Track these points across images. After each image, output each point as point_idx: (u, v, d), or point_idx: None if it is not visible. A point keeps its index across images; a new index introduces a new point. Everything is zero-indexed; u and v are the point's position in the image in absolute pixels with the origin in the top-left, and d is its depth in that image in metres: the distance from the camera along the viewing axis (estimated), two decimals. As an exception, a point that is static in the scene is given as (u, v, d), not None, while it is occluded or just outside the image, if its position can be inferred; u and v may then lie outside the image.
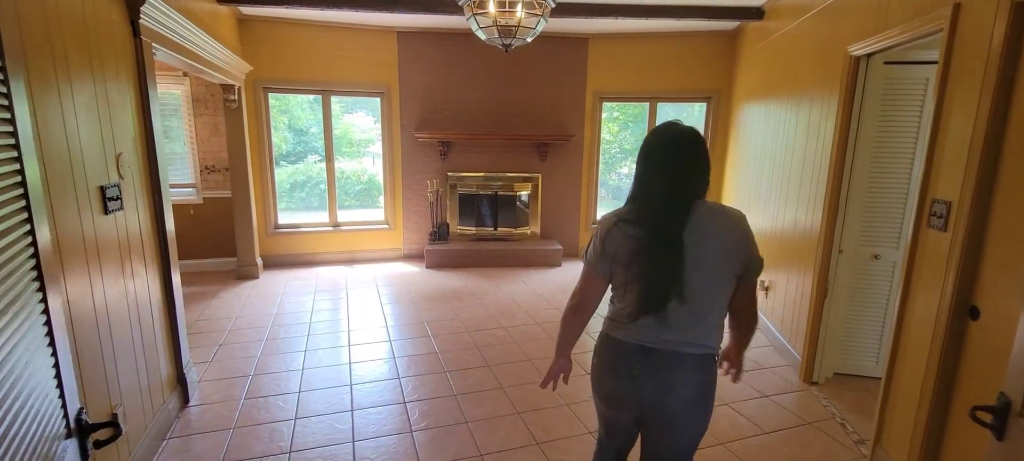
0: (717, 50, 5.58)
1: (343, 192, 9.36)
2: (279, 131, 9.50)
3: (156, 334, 2.54)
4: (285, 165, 9.55)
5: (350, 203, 9.14)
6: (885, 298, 3.09)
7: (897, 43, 2.48)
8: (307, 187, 8.91)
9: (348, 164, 9.55)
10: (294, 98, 5.50)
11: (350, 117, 9.35)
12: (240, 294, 4.74)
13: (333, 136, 5.86)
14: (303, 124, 9.07)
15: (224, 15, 4.52)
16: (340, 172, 9.49)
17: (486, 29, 2.68)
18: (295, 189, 9.40)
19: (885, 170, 2.96)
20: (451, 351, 3.56)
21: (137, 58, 2.43)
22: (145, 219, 2.46)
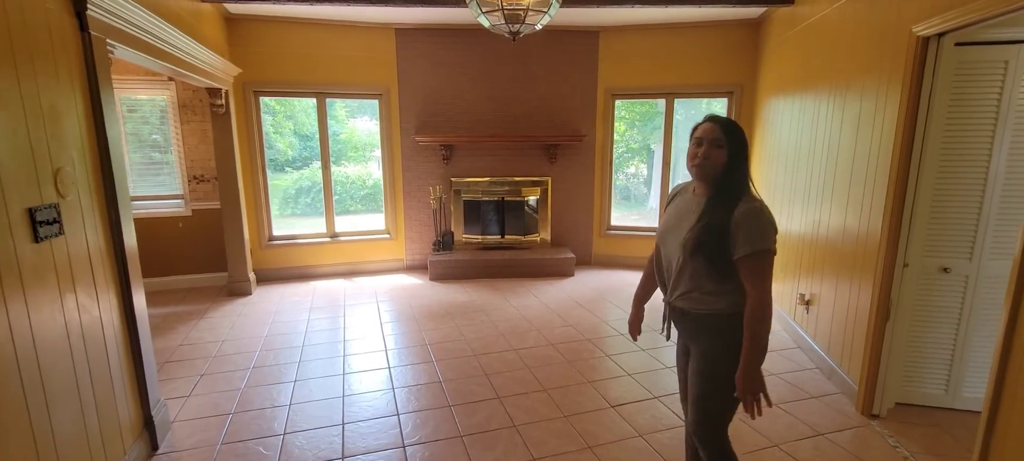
0: (739, 41, 5.18)
1: (349, 197, 9.08)
2: (284, 136, 9.25)
3: (112, 372, 2.18)
4: (290, 171, 9.29)
5: (357, 208, 8.86)
6: (956, 317, 2.67)
7: (983, 18, 2.07)
8: (313, 193, 8.65)
9: (353, 169, 9.27)
10: (299, 103, 5.15)
11: (355, 121, 9.08)
12: (230, 313, 4.40)
13: (339, 141, 5.56)
14: (308, 129, 8.81)
15: (208, 13, 4.19)
16: (345, 177, 9.23)
17: (491, 15, 2.31)
18: (301, 195, 9.14)
19: (956, 169, 2.55)
20: (456, 380, 3.19)
21: (86, 56, 2.08)
22: (97, 240, 2.11)
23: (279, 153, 9.41)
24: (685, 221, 1.66)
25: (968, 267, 2.61)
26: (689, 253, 1.61)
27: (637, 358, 3.46)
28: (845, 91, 3.15)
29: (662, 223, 1.79)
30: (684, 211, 1.69)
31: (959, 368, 2.72)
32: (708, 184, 1.63)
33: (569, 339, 3.81)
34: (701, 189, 1.67)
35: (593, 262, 5.95)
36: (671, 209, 1.78)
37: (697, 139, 1.62)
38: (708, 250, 1.57)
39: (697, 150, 1.61)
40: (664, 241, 1.75)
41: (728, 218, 1.54)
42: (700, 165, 1.60)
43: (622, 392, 3.02)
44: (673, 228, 1.70)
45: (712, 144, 1.58)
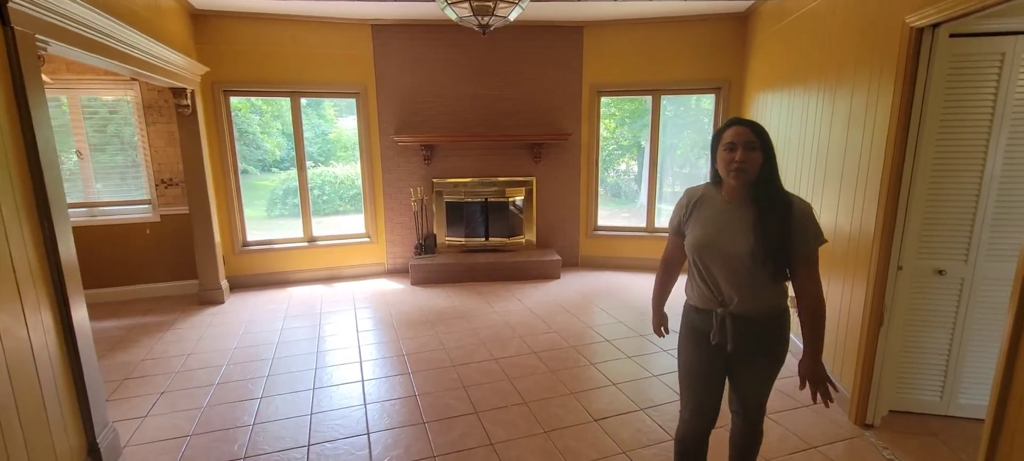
0: (726, 35, 5.05)
1: (338, 197, 8.88)
2: (272, 136, 9.02)
3: (47, 400, 2.00)
4: (278, 171, 9.07)
5: (346, 208, 8.66)
6: (951, 321, 2.56)
7: (979, 7, 1.94)
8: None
9: (342, 169, 9.06)
10: (287, 102, 4.95)
11: (343, 120, 8.88)
12: (199, 324, 4.20)
13: (328, 140, 5.36)
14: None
15: (170, 9, 3.98)
16: (334, 177, 9.02)
17: (458, 7, 2.15)
18: (288, 195, 8.92)
19: (952, 167, 2.43)
20: (433, 393, 3.03)
21: (9, 53, 1.89)
22: (26, 253, 1.92)
23: (267, 153, 9.18)
24: (733, 229, 1.62)
25: (964, 269, 2.49)
26: (759, 261, 1.57)
27: (623, 366, 3.32)
28: (835, 86, 3.02)
29: (701, 234, 1.68)
30: (725, 219, 1.65)
31: (954, 374, 2.61)
32: (746, 186, 1.61)
33: (552, 346, 3.66)
34: (736, 192, 1.64)
35: (580, 264, 5.81)
36: (706, 217, 1.69)
37: (729, 144, 1.59)
38: (779, 255, 1.57)
39: (732, 155, 1.58)
40: (710, 253, 1.65)
41: (788, 220, 1.56)
42: (740, 169, 1.57)
43: (606, 404, 2.87)
44: (719, 238, 1.64)
45: (747, 147, 1.57)
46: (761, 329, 1.66)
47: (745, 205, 1.62)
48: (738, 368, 1.75)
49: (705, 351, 1.74)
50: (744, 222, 1.60)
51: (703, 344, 1.74)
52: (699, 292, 1.73)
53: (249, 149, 8.83)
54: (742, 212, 1.62)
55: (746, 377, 1.75)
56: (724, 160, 1.61)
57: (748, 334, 1.66)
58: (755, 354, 1.69)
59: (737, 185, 1.62)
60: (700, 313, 1.74)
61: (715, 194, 1.71)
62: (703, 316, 1.73)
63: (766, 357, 1.70)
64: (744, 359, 1.71)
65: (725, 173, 1.62)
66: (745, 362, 1.72)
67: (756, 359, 1.70)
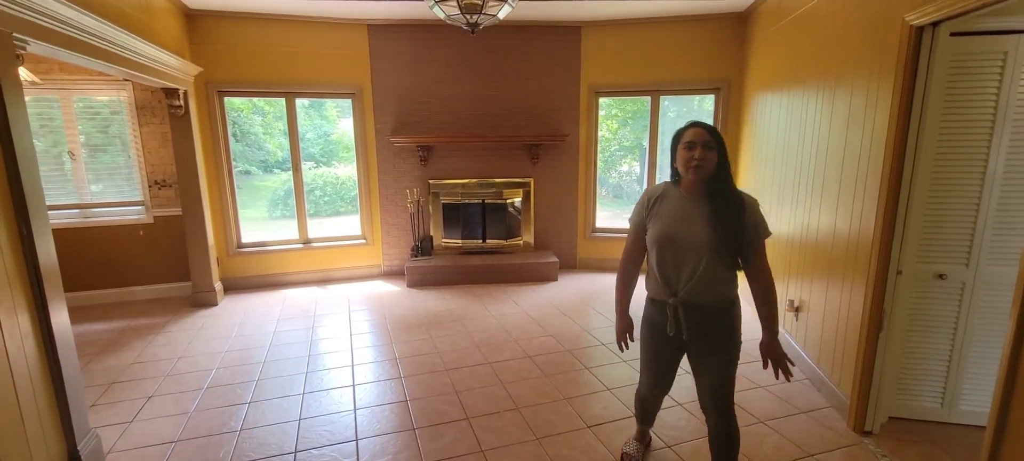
0: (726, 35, 4.99)
1: (339, 198, 8.85)
2: (274, 137, 8.99)
3: (23, 407, 1.95)
4: (279, 172, 9.04)
5: (347, 209, 8.63)
6: (952, 326, 2.50)
7: (980, 5, 1.89)
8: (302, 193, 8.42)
9: (344, 169, 9.04)
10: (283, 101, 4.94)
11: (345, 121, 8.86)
12: (191, 327, 4.16)
13: (330, 141, 5.33)
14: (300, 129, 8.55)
15: (161, 9, 3.94)
16: (335, 177, 9.00)
17: (446, 6, 2.10)
18: (289, 196, 8.90)
19: (953, 169, 2.37)
20: (424, 398, 2.97)
21: (-17, 51, 1.85)
22: (0, 257, 1.88)
23: (269, 154, 9.15)
24: (692, 222, 1.76)
25: (965, 273, 2.43)
26: (715, 250, 1.72)
27: (618, 371, 3.26)
28: (834, 86, 2.96)
29: (661, 227, 1.81)
30: (684, 213, 1.78)
31: (955, 380, 2.55)
32: (702, 183, 1.75)
33: (547, 350, 3.61)
34: (694, 188, 1.78)
35: (578, 266, 5.76)
36: (665, 213, 1.82)
37: (689, 143, 1.74)
38: (733, 247, 1.72)
39: (692, 153, 1.72)
40: (672, 244, 1.79)
41: (741, 213, 1.72)
42: (699, 166, 1.71)
43: (599, 410, 2.82)
44: (679, 231, 1.77)
45: (705, 146, 1.71)
46: (713, 317, 1.80)
47: (702, 200, 1.77)
48: (697, 358, 1.88)
49: (663, 341, 1.90)
50: (702, 215, 1.75)
51: (660, 335, 1.90)
52: (656, 284, 1.88)
53: (251, 150, 8.81)
54: (699, 207, 1.76)
55: (706, 367, 1.86)
56: (684, 158, 1.75)
57: (701, 323, 1.80)
58: (710, 342, 1.82)
59: (695, 181, 1.76)
60: (656, 305, 1.90)
61: (674, 191, 1.84)
62: (659, 308, 1.88)
63: (721, 344, 1.82)
64: (702, 348, 1.84)
65: (684, 170, 1.76)
66: (703, 352, 1.85)
67: (712, 347, 1.82)
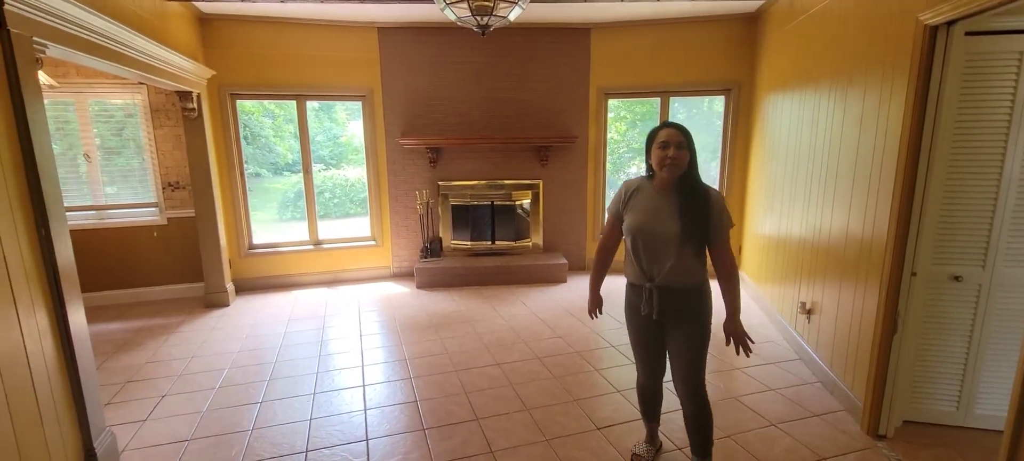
0: (736, 36, 4.97)
1: (349, 200, 8.93)
2: (284, 139, 9.09)
3: (41, 404, 1.99)
4: (289, 174, 9.13)
5: (357, 211, 8.70)
6: (968, 328, 2.46)
7: (996, 3, 1.86)
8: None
9: (353, 172, 9.11)
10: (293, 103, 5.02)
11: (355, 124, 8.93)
12: (203, 327, 4.20)
13: (339, 143, 5.37)
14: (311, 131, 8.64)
15: (176, 13, 4.00)
16: (345, 180, 9.08)
17: (456, 7, 2.11)
18: (300, 198, 8.99)
19: (968, 169, 2.34)
20: (434, 398, 2.99)
21: (4, 56, 1.89)
22: (21, 258, 1.92)
23: (279, 156, 9.25)
24: (664, 213, 1.93)
25: (981, 275, 2.40)
26: (684, 240, 1.88)
27: (628, 372, 3.25)
28: (847, 86, 2.94)
29: (636, 218, 1.98)
30: (655, 206, 1.96)
31: (971, 383, 2.51)
32: (674, 179, 1.92)
33: (557, 352, 3.61)
34: (666, 184, 1.95)
35: (586, 267, 5.75)
36: (640, 205, 2.00)
37: (663, 142, 1.90)
38: (700, 234, 1.90)
39: (666, 152, 1.88)
40: (644, 234, 1.95)
41: (708, 207, 1.90)
42: (673, 164, 1.87)
43: (609, 412, 2.81)
44: (652, 221, 1.94)
45: (677, 146, 1.88)
46: (685, 299, 1.96)
47: (672, 195, 1.93)
48: (670, 337, 2.04)
49: (640, 322, 2.08)
50: (672, 209, 1.91)
51: (638, 316, 2.07)
52: (633, 269, 2.04)
53: (262, 152, 8.90)
54: (670, 201, 1.93)
55: (677, 344, 2.01)
56: (658, 156, 1.91)
57: (675, 304, 1.97)
58: (682, 321, 1.98)
59: (668, 178, 1.92)
60: (634, 289, 2.07)
61: (648, 186, 2.01)
62: (636, 291, 2.05)
63: (692, 326, 1.97)
64: (674, 329, 2.00)
65: (659, 167, 1.92)
66: (674, 332, 2.01)
67: (684, 326, 1.98)
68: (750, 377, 3.17)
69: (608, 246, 2.18)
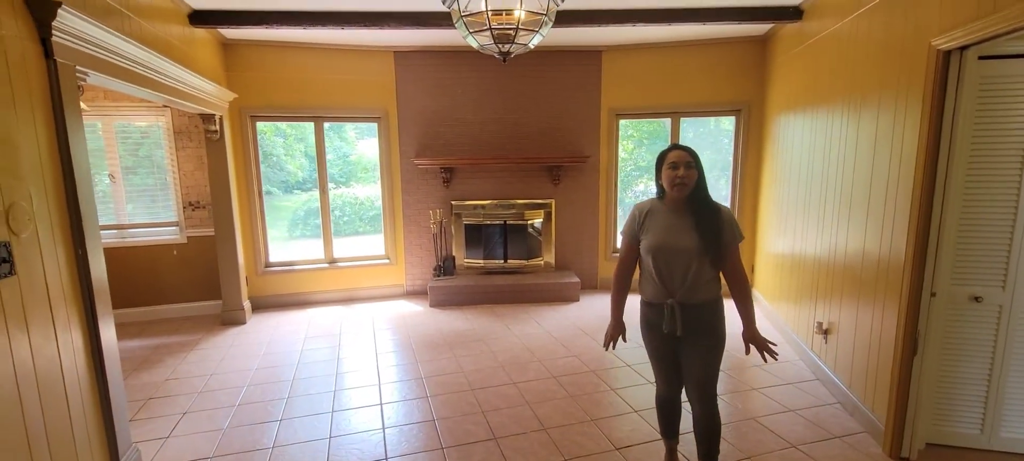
0: (745, 58, 5.04)
1: (358, 218, 9.04)
2: (295, 158, 9.26)
3: (74, 418, 2.03)
4: (300, 193, 9.28)
5: (366, 229, 8.81)
6: (990, 350, 2.45)
7: (1010, 29, 1.90)
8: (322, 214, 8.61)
9: (363, 190, 9.25)
10: (309, 125, 5.16)
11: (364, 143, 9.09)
12: (221, 345, 4.26)
13: (349, 162, 5.46)
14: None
15: (202, 39, 4.14)
16: (354, 198, 9.21)
17: (479, 35, 2.19)
18: (310, 216, 9.13)
19: (985, 191, 2.35)
20: (451, 417, 3.00)
21: (51, 83, 1.98)
22: (60, 275, 1.99)
23: (290, 175, 9.43)
24: (680, 232, 2.02)
25: (1002, 296, 2.39)
26: (701, 256, 1.98)
27: (644, 392, 3.25)
28: (860, 108, 2.98)
29: (654, 238, 2.06)
30: (670, 224, 2.05)
31: (995, 406, 2.49)
32: (685, 198, 2.01)
33: (572, 371, 3.61)
34: (677, 202, 2.04)
35: (598, 286, 5.76)
36: (656, 225, 2.08)
37: (672, 163, 2.00)
38: (715, 249, 1.98)
39: (676, 172, 1.98)
40: (664, 252, 2.04)
41: (719, 221, 2.00)
42: (682, 184, 1.98)
43: (627, 432, 2.81)
44: (670, 238, 2.03)
45: (686, 166, 1.98)
46: (702, 314, 2.03)
47: (684, 213, 2.03)
48: (687, 351, 2.10)
49: (661, 339, 2.14)
50: (686, 225, 2.01)
51: (657, 333, 2.13)
52: (653, 288, 2.10)
53: (272, 171, 9.06)
54: (683, 218, 2.02)
55: (693, 358, 2.07)
56: (668, 177, 2.01)
57: (693, 319, 2.04)
58: (699, 336, 2.05)
59: (679, 196, 2.01)
60: (653, 307, 2.12)
61: (660, 206, 2.10)
62: (656, 310, 2.11)
63: (708, 338, 2.05)
64: (691, 342, 2.07)
65: (669, 187, 2.01)
66: (692, 345, 2.07)
67: (701, 340, 2.05)
68: (768, 398, 3.16)
69: (626, 270, 2.23)
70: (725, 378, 3.39)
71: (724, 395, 3.17)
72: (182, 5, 3.66)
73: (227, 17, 3.87)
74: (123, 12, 2.74)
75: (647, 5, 3.93)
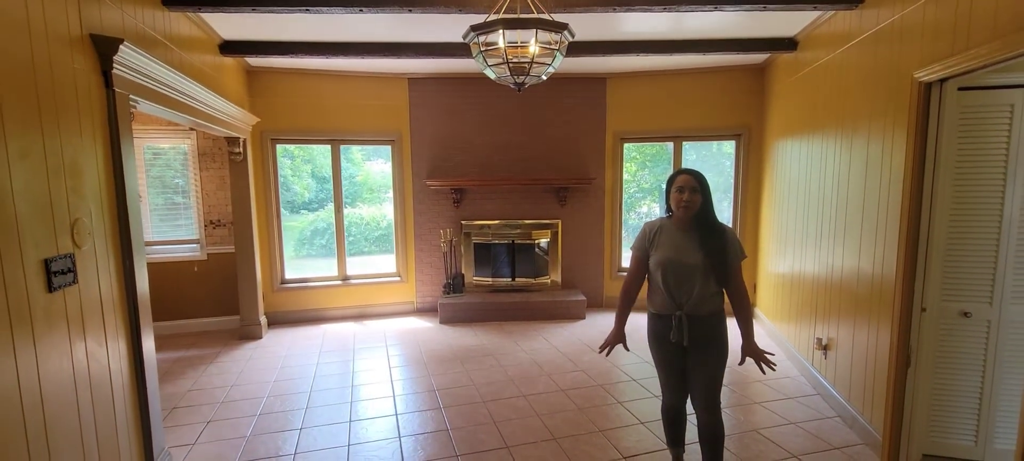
0: (745, 85, 5.25)
1: (363, 238, 9.24)
2: (302, 179, 9.50)
3: (118, 421, 2.18)
4: (306, 213, 9.51)
5: (371, 249, 9.00)
6: (981, 363, 2.57)
7: (983, 65, 2.08)
8: (328, 234, 8.81)
9: (368, 210, 9.46)
10: (318, 146, 5.40)
11: (370, 164, 9.33)
12: (240, 358, 4.40)
13: (355, 183, 5.67)
14: (326, 172, 9.08)
15: (230, 67, 4.39)
16: (360, 218, 9.42)
17: (496, 67, 2.39)
18: (316, 236, 9.33)
19: (970, 212, 2.50)
20: (464, 427, 3.12)
21: (109, 111, 2.19)
22: (111, 286, 2.16)
23: (296, 195, 9.68)
24: (687, 249, 2.19)
25: (989, 311, 2.53)
26: (707, 271, 2.15)
27: (650, 405, 3.36)
28: (852, 134, 3.15)
29: (663, 253, 2.24)
30: (678, 242, 2.22)
31: (988, 417, 2.60)
32: (691, 219, 2.19)
33: (580, 385, 3.73)
34: (683, 223, 2.22)
35: (604, 304, 5.88)
36: (665, 242, 2.26)
37: (680, 187, 2.19)
38: (721, 266, 2.15)
39: (682, 195, 2.17)
40: (672, 268, 2.20)
41: (723, 240, 2.17)
42: (687, 206, 2.17)
43: (634, 442, 2.92)
44: (678, 254, 2.20)
45: (691, 190, 2.16)
46: (707, 326, 2.20)
47: (691, 232, 2.20)
48: (692, 361, 2.25)
49: (668, 348, 2.29)
50: (693, 243, 2.18)
51: (665, 343, 2.28)
52: (662, 300, 2.27)
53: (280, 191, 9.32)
54: (690, 237, 2.20)
55: (698, 367, 2.23)
56: (675, 199, 2.20)
57: (699, 330, 2.19)
58: (704, 346, 2.21)
59: (684, 217, 2.19)
60: (661, 319, 2.28)
61: (668, 225, 2.28)
62: (664, 321, 2.27)
63: (713, 348, 2.21)
64: (697, 352, 2.22)
65: (676, 208, 2.20)
66: (698, 355, 2.22)
67: (706, 351, 2.21)
68: (770, 411, 3.27)
69: (634, 284, 2.39)
70: (728, 393, 3.50)
71: (727, 408, 3.28)
72: (214, 35, 3.91)
73: (255, 47, 4.12)
74: (166, 44, 2.98)
75: (649, 36, 4.16)
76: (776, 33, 4.10)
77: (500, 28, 2.32)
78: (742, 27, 3.96)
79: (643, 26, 3.94)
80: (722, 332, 2.22)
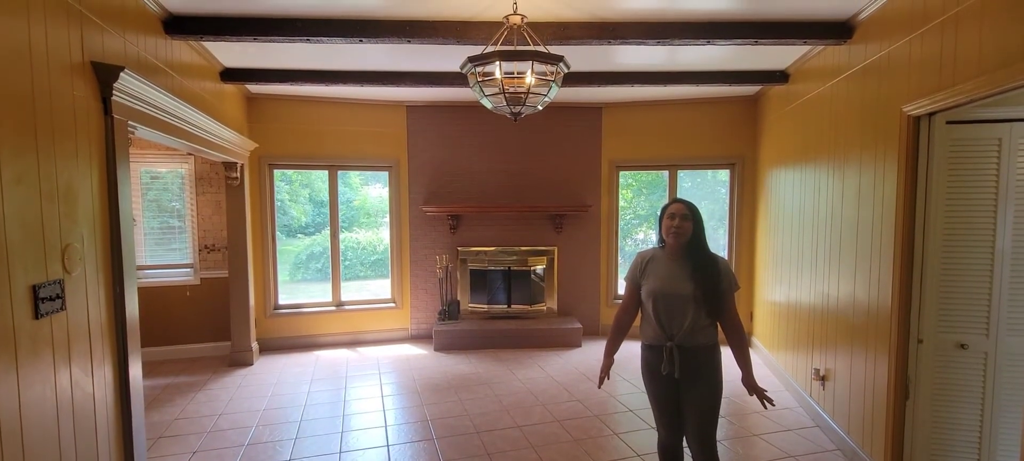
0: (739, 115, 5.34)
1: (359, 263, 9.20)
2: (299, 203, 9.52)
3: (99, 450, 2.13)
4: (302, 237, 9.48)
5: (367, 274, 8.95)
6: (979, 395, 2.55)
7: (970, 100, 2.13)
8: (323, 258, 8.78)
9: (365, 234, 9.46)
10: (315, 172, 5.43)
11: (367, 188, 9.37)
12: (229, 385, 4.32)
13: (352, 207, 5.67)
14: (323, 196, 9.09)
15: (230, 93, 4.43)
16: (356, 242, 9.41)
17: (493, 97, 2.42)
18: (311, 260, 9.28)
19: (962, 244, 2.52)
20: (458, 459, 3.05)
21: (107, 137, 2.20)
22: (100, 312, 2.13)
23: (293, 219, 9.67)
24: (678, 279, 2.17)
25: (986, 343, 2.52)
26: (699, 302, 2.11)
27: (647, 437, 3.30)
28: (844, 165, 3.19)
29: (654, 283, 2.21)
30: (669, 272, 2.20)
31: (989, 450, 2.56)
32: (681, 247, 2.18)
33: (576, 415, 3.67)
34: (674, 252, 2.20)
35: (600, 332, 5.84)
36: (656, 271, 2.24)
37: (671, 215, 2.20)
38: (713, 296, 2.12)
39: (672, 223, 2.17)
40: (663, 297, 2.18)
41: (716, 270, 2.15)
42: (677, 232, 2.16)
43: (630, 475, 2.86)
44: (668, 284, 2.18)
45: (683, 218, 2.17)
46: (700, 358, 2.15)
47: (683, 261, 2.18)
48: (686, 395, 2.19)
49: (661, 382, 2.22)
50: (685, 272, 2.16)
51: (658, 376, 2.22)
52: (653, 331, 2.23)
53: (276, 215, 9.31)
54: (682, 266, 2.18)
55: (692, 403, 2.17)
56: (666, 226, 2.20)
57: (692, 363, 2.15)
58: (698, 379, 2.16)
59: (675, 244, 2.18)
60: (653, 350, 2.24)
61: (661, 254, 2.27)
62: (655, 353, 2.22)
63: (707, 382, 2.16)
64: (689, 385, 2.17)
65: (667, 236, 2.20)
66: (690, 388, 2.17)
67: (699, 384, 2.16)
68: (769, 444, 3.21)
69: (627, 314, 2.36)
70: (726, 424, 3.45)
71: (725, 441, 3.23)
72: (215, 63, 3.96)
73: (255, 74, 4.17)
74: (167, 71, 3.01)
75: (644, 68, 4.24)
76: (768, 66, 4.19)
77: (497, 60, 2.36)
78: (734, 60, 4.04)
79: (638, 58, 4.02)
80: (716, 365, 2.17)
